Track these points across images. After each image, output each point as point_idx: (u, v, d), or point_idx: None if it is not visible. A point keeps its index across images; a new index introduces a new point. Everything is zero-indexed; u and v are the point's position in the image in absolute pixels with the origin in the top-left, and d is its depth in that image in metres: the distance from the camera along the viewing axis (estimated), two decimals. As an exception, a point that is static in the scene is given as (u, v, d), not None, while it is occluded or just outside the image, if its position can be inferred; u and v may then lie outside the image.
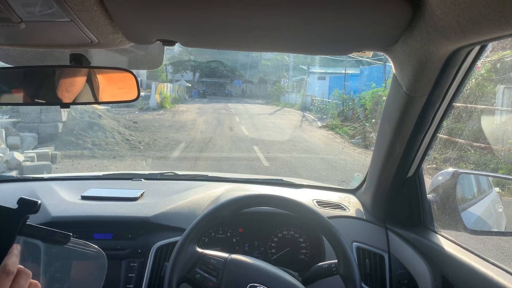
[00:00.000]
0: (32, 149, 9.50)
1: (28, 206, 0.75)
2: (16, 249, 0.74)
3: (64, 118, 11.57)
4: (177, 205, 1.61)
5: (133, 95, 1.12)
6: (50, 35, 0.87)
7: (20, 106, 9.30)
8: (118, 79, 1.15)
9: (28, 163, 8.05)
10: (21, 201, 0.75)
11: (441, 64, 0.92)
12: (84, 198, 1.68)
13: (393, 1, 0.64)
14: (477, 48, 0.94)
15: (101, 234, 1.50)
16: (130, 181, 1.99)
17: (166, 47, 1.11)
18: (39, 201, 0.75)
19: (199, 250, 1.21)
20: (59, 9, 0.71)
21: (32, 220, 1.52)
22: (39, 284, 0.76)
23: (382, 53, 1.02)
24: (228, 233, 1.62)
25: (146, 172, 2.15)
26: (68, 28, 0.80)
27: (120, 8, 0.71)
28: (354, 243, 1.52)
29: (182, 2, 0.67)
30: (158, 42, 0.92)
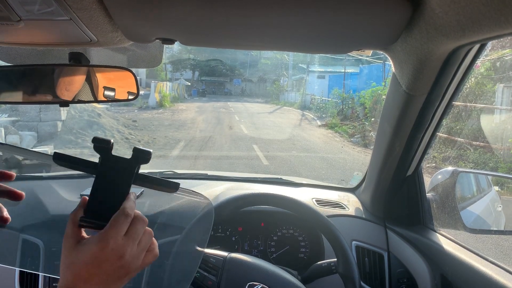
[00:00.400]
0: (32, 148, 9.50)
1: (141, 155, 0.78)
2: (133, 195, 0.78)
3: (63, 117, 11.56)
4: (176, 204, 1.61)
5: (133, 94, 1.12)
6: (49, 33, 0.86)
7: (19, 105, 9.29)
8: (117, 77, 1.14)
9: (27, 162, 8.04)
10: (136, 151, 0.78)
11: (441, 63, 0.91)
12: (83, 196, 1.67)
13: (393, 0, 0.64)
14: (476, 46, 0.94)
15: None
16: None
17: (165, 46, 1.11)
18: (151, 150, 0.77)
19: (199, 248, 1.21)
20: (58, 8, 0.71)
21: (31, 219, 1.52)
22: (152, 233, 0.80)
23: (381, 52, 1.02)
24: (228, 232, 1.62)
25: (146, 171, 2.15)
26: (67, 26, 0.80)
27: (119, 6, 0.71)
28: (354, 242, 1.52)
29: (181, 0, 0.67)
30: (157, 40, 0.92)
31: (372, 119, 12.99)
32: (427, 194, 1.48)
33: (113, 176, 0.78)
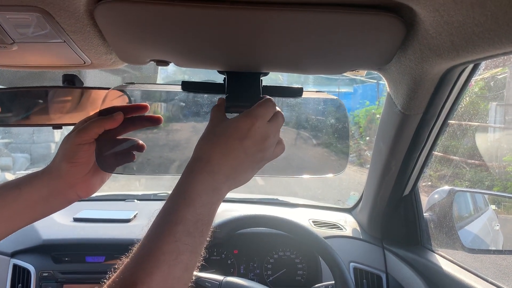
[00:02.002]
0: (25, 170, 9.41)
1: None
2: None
3: (57, 139, 11.49)
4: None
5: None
6: (43, 56, 0.86)
7: (12, 127, 9.26)
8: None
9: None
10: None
11: (435, 83, 0.92)
12: (76, 220, 1.65)
13: (387, 20, 0.64)
14: (470, 66, 0.95)
15: (94, 257, 1.48)
16: (123, 202, 1.97)
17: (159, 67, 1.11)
18: None
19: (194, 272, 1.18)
20: (52, 30, 0.71)
21: (23, 243, 1.49)
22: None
23: (376, 72, 1.02)
24: (223, 255, 1.60)
25: (140, 193, 2.13)
26: (61, 49, 0.80)
27: (114, 29, 0.71)
28: (351, 263, 1.50)
29: (175, 23, 0.67)
30: (151, 62, 0.92)
31: (367, 138, 13.03)
32: (424, 214, 1.47)
33: (241, 92, 0.80)
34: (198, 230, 0.61)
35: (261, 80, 0.82)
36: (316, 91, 0.94)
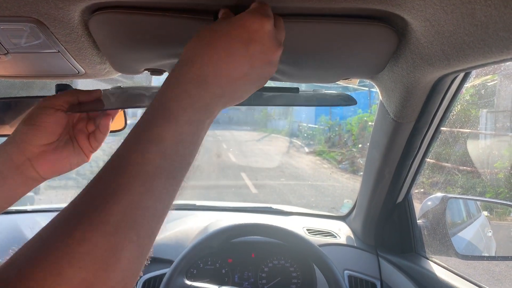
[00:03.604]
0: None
1: None
2: None
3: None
4: (165, 236, 1.58)
5: (120, 125, 1.11)
6: (36, 66, 0.86)
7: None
8: (105, 109, 1.13)
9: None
10: None
11: (428, 91, 0.93)
12: None
13: (380, 30, 0.65)
14: (462, 74, 0.96)
15: None
16: None
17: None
18: None
19: (188, 282, 1.18)
20: (46, 41, 0.71)
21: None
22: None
23: (368, 80, 1.03)
24: (217, 264, 1.59)
25: None
26: (55, 59, 0.80)
27: (108, 39, 0.71)
28: (346, 271, 1.50)
29: (169, 33, 0.67)
30: (146, 72, 0.92)
31: (360, 145, 13.09)
32: (417, 221, 1.48)
33: None
34: (179, 153, 0.49)
35: None
36: (313, 90, 0.94)
